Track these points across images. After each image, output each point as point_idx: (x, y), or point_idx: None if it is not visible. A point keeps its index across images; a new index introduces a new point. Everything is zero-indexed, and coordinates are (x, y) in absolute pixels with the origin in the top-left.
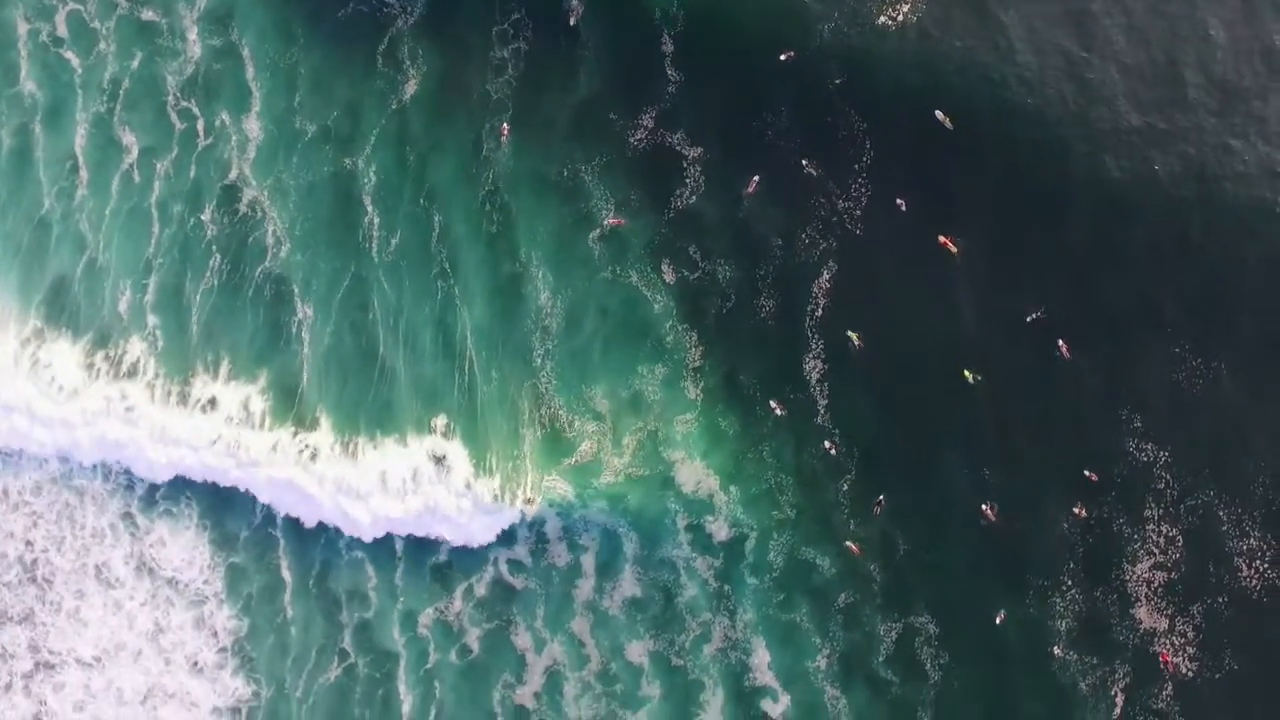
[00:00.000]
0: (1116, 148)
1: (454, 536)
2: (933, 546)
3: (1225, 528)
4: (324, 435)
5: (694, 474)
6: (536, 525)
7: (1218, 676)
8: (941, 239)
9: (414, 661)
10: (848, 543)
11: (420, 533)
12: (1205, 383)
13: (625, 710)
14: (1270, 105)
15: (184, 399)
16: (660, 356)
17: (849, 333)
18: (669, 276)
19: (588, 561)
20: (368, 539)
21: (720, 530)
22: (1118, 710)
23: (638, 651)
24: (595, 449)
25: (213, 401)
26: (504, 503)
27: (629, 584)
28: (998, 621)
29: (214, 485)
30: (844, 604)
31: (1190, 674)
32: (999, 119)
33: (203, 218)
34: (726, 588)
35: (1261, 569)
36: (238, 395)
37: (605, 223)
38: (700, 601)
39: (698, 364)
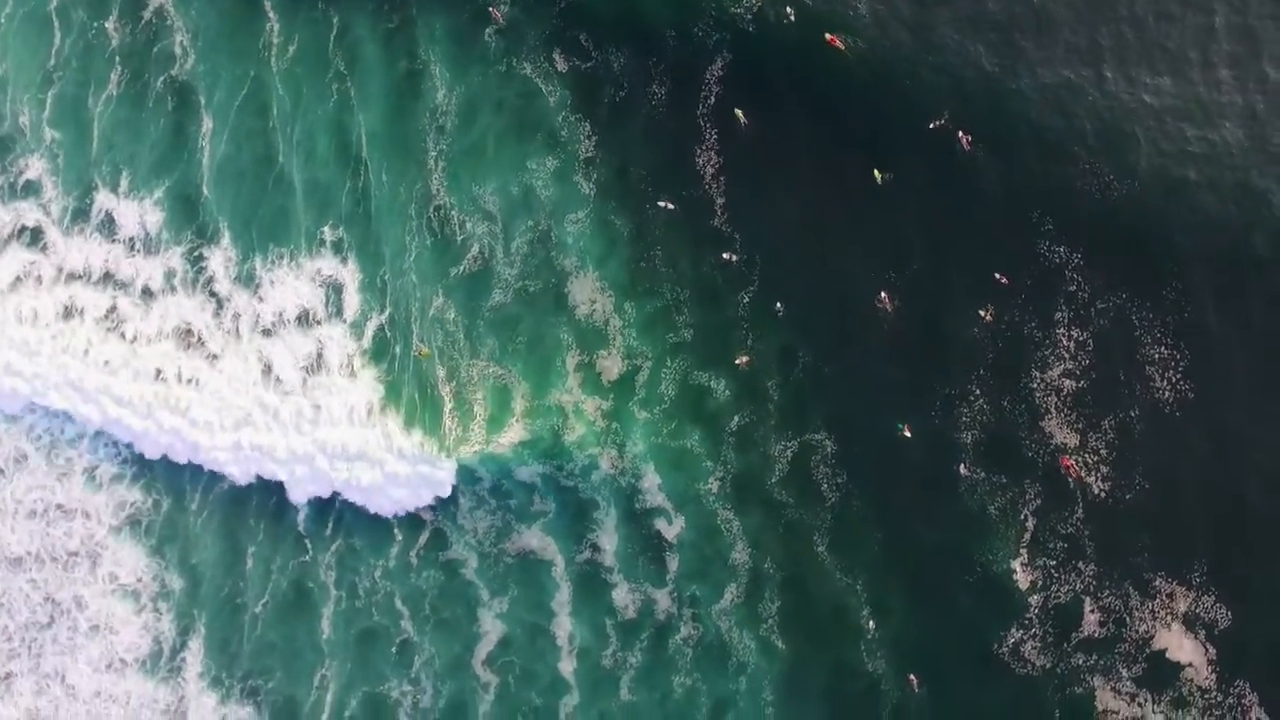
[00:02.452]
0: None
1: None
2: (833, 357)
3: (1138, 333)
4: (221, 253)
5: (587, 290)
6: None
7: (1129, 497)
8: (829, 37)
9: None
10: (739, 358)
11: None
12: (1118, 186)
13: (521, 524)
14: None
15: (83, 215)
16: (552, 149)
17: (735, 109)
18: (562, 66)
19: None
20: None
21: (613, 367)
22: (1028, 535)
23: (527, 474)
24: (484, 254)
25: (110, 217)
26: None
27: (517, 430)
28: (906, 434)
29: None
30: (738, 426)
31: (1101, 494)
32: None
33: (106, 25)
34: (615, 425)
35: (1174, 380)
36: (137, 211)
37: (489, 9)
38: (589, 438)
39: (590, 155)
